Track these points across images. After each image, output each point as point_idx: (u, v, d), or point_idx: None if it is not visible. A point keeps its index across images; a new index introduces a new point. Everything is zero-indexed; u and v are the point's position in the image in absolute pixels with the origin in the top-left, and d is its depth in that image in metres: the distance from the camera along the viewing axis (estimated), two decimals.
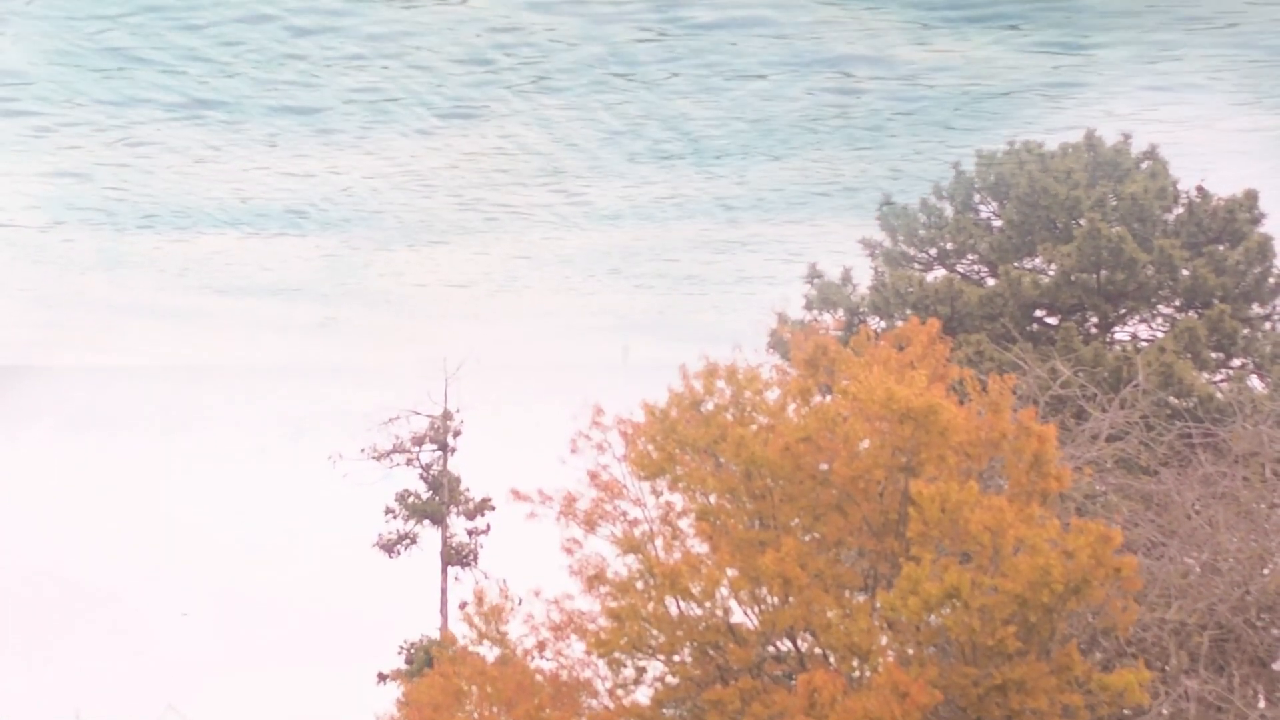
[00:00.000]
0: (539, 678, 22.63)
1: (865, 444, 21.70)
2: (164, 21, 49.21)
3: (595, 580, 22.54)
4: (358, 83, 54.39)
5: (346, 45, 51.39)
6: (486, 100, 58.99)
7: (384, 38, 51.29)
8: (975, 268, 39.15)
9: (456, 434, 51.55)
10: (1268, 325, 36.81)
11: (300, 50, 52.20)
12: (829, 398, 22.89)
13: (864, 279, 38.74)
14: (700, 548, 22.45)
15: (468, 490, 51.01)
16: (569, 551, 22.83)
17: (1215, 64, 51.87)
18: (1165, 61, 51.04)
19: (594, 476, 22.93)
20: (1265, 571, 25.78)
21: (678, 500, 22.97)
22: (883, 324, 36.65)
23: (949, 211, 39.35)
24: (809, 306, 38.48)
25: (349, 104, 57.53)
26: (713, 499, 22.53)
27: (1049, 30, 48.72)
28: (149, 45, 51.54)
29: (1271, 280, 36.69)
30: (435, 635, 46.48)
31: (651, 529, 22.78)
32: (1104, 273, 35.97)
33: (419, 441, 51.16)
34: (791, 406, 22.85)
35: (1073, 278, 36.11)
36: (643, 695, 22.87)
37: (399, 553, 51.44)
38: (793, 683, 21.89)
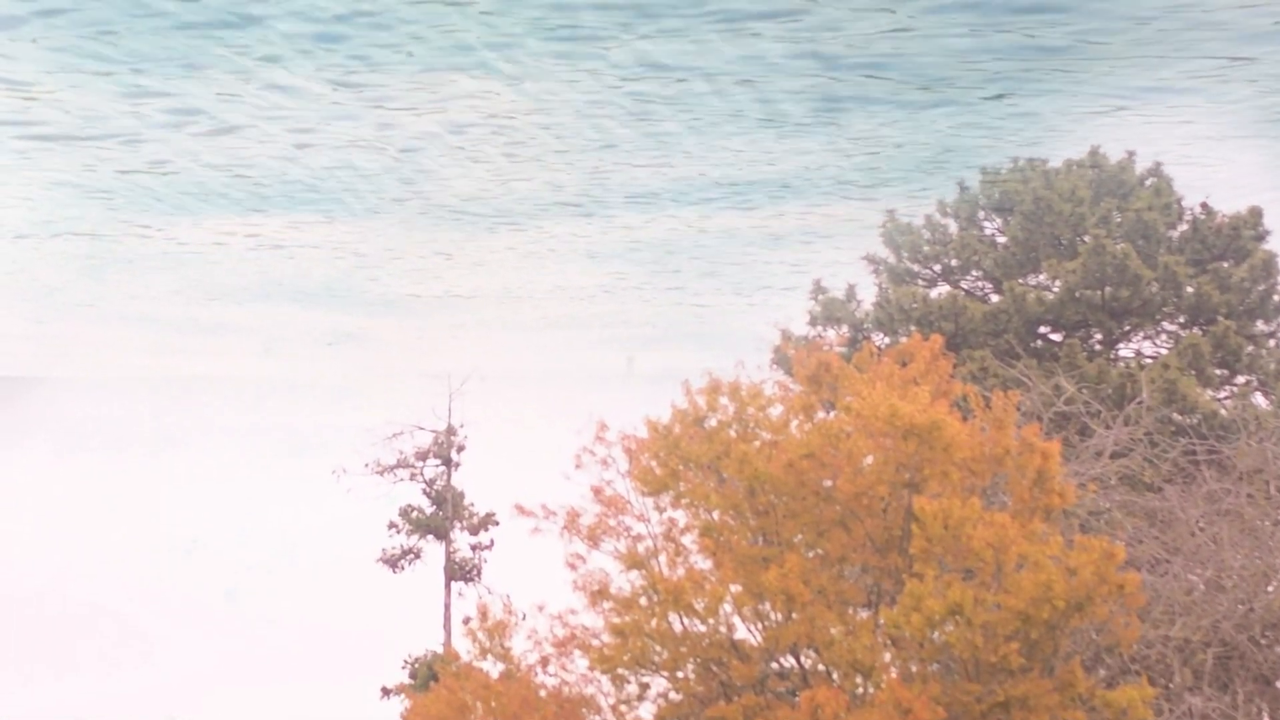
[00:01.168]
0: (543, 693, 22.63)
1: (869, 460, 21.71)
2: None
3: (599, 596, 22.54)
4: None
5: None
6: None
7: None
8: (979, 284, 39.18)
9: (460, 449, 51.57)
10: (1272, 342, 36.82)
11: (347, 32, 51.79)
12: (832, 414, 22.90)
13: (868, 295, 38.81)
14: (704, 564, 22.45)
15: (471, 505, 51.02)
16: (572, 567, 22.84)
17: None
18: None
19: (598, 492, 22.95)
20: (1269, 589, 25.78)
21: (681, 516, 22.98)
22: (886, 340, 36.66)
23: (953, 228, 39.40)
24: (813, 322, 38.51)
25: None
26: (716, 515, 22.55)
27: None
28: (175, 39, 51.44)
29: (1276, 297, 36.71)
30: (439, 650, 46.45)
31: (655, 545, 22.79)
32: (1108, 289, 35.99)
33: (423, 456, 51.19)
34: (795, 423, 22.87)
35: (1077, 294, 36.13)
36: (646, 712, 22.86)
37: (402, 568, 51.44)
38: (796, 699, 21.87)
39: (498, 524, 50.23)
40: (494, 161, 69.78)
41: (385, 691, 46.95)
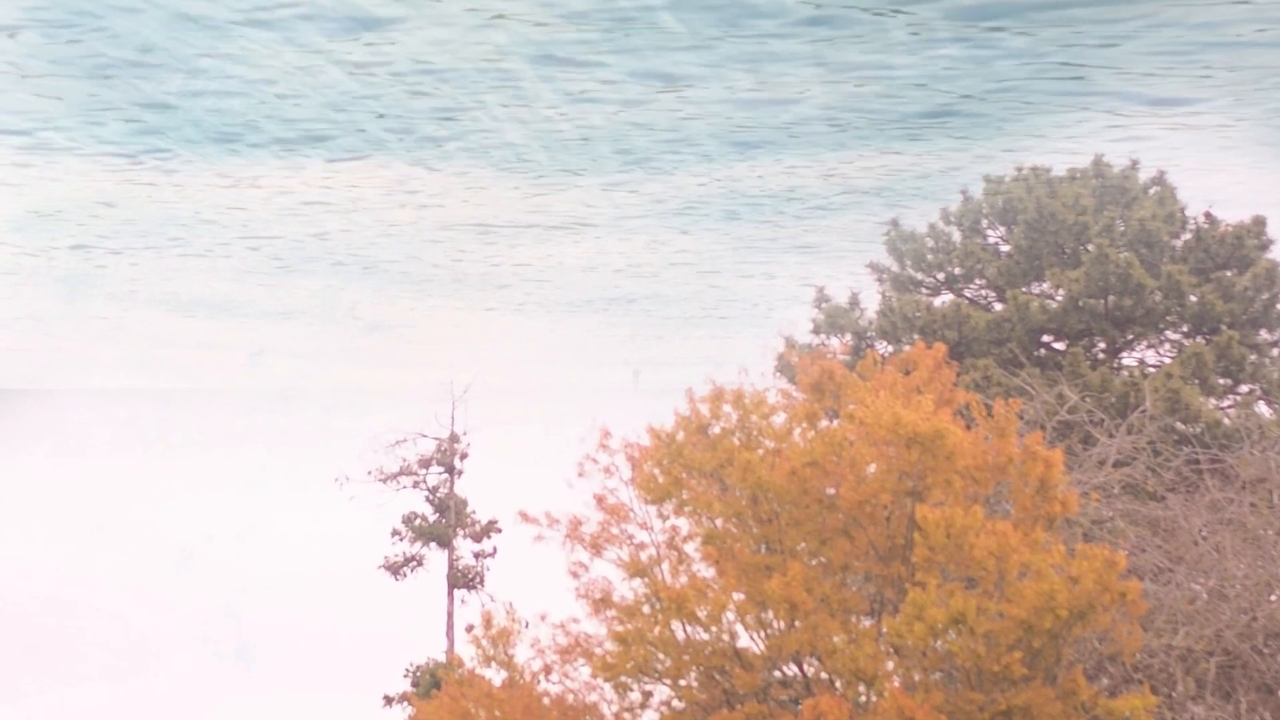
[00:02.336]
0: (546, 701, 22.64)
1: (872, 468, 21.71)
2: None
3: (601, 604, 22.55)
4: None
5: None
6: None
7: None
8: (983, 292, 39.20)
9: (463, 456, 51.61)
10: (1275, 351, 36.79)
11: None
12: (835, 422, 22.92)
13: (871, 303, 38.85)
14: (706, 572, 22.46)
15: (474, 513, 51.05)
16: (575, 575, 22.86)
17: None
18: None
19: (600, 500, 22.96)
20: (1272, 598, 25.77)
21: (684, 524, 23.00)
22: (890, 348, 36.68)
23: (957, 236, 39.42)
24: (816, 330, 38.56)
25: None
26: (719, 523, 22.55)
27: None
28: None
29: (1279, 306, 36.69)
30: (441, 658, 46.46)
31: (658, 553, 22.80)
32: (1112, 298, 36.01)
33: (425, 464, 51.23)
34: (798, 431, 22.88)
35: (1080, 303, 36.14)
36: (649, 719, 22.86)
37: (405, 575, 51.46)
38: (798, 708, 21.87)
39: (500, 531, 50.27)
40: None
41: (388, 699, 46.99)
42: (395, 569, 51.27)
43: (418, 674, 46.46)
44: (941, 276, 39.33)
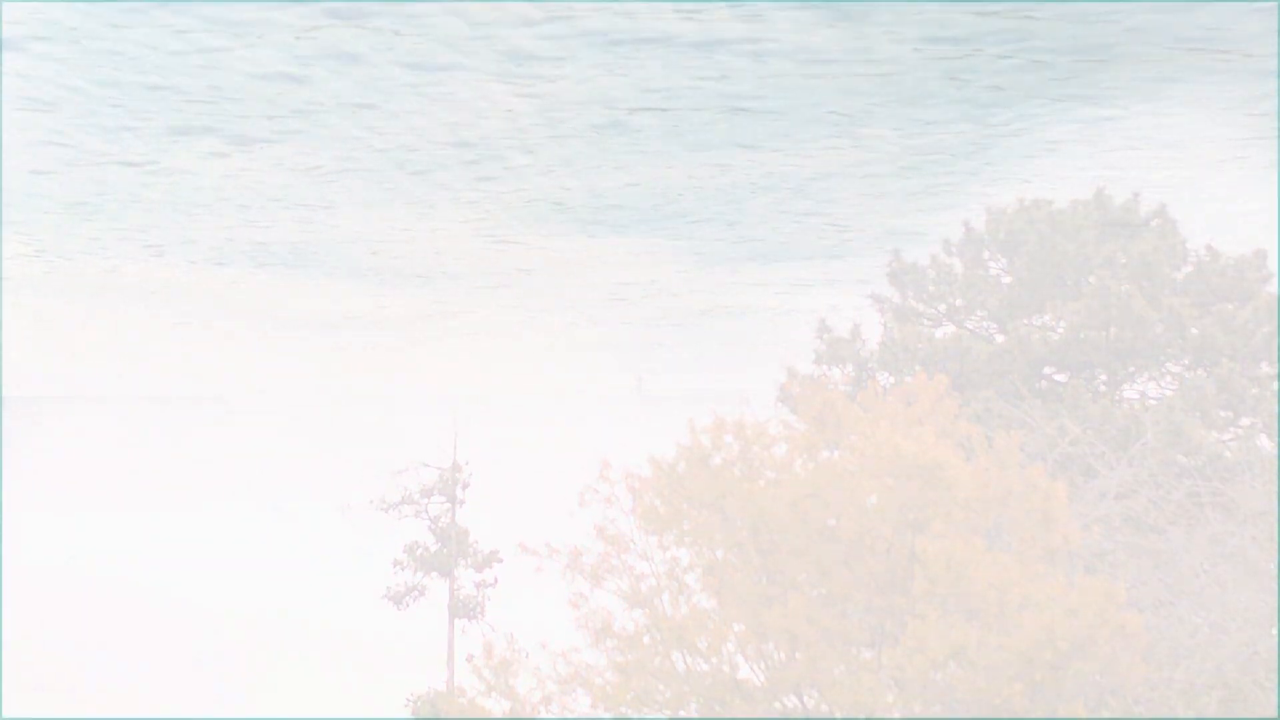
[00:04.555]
0: None
1: (872, 500, 21.74)
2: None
3: (602, 634, 22.55)
4: None
5: None
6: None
7: None
8: (984, 324, 39.20)
9: (465, 486, 51.60)
10: (1276, 384, 36.79)
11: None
12: (837, 453, 22.94)
13: (873, 334, 38.82)
14: (707, 602, 22.46)
15: (476, 542, 51.02)
16: (575, 606, 22.86)
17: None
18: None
19: (601, 530, 22.98)
20: (1274, 631, 25.74)
21: (684, 555, 23.00)
22: (891, 379, 36.68)
23: (958, 267, 39.45)
24: (818, 361, 38.55)
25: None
26: (720, 553, 22.56)
27: None
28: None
29: None
30: (441, 687, 46.40)
31: (658, 583, 22.81)
32: (1113, 330, 36.01)
33: (427, 494, 51.21)
34: (799, 462, 22.90)
35: (1082, 335, 36.15)
36: None
37: (407, 604, 51.41)
38: None
39: (502, 561, 50.22)
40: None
41: None
42: (398, 598, 51.22)
43: (418, 703, 46.38)
44: (943, 308, 39.33)
